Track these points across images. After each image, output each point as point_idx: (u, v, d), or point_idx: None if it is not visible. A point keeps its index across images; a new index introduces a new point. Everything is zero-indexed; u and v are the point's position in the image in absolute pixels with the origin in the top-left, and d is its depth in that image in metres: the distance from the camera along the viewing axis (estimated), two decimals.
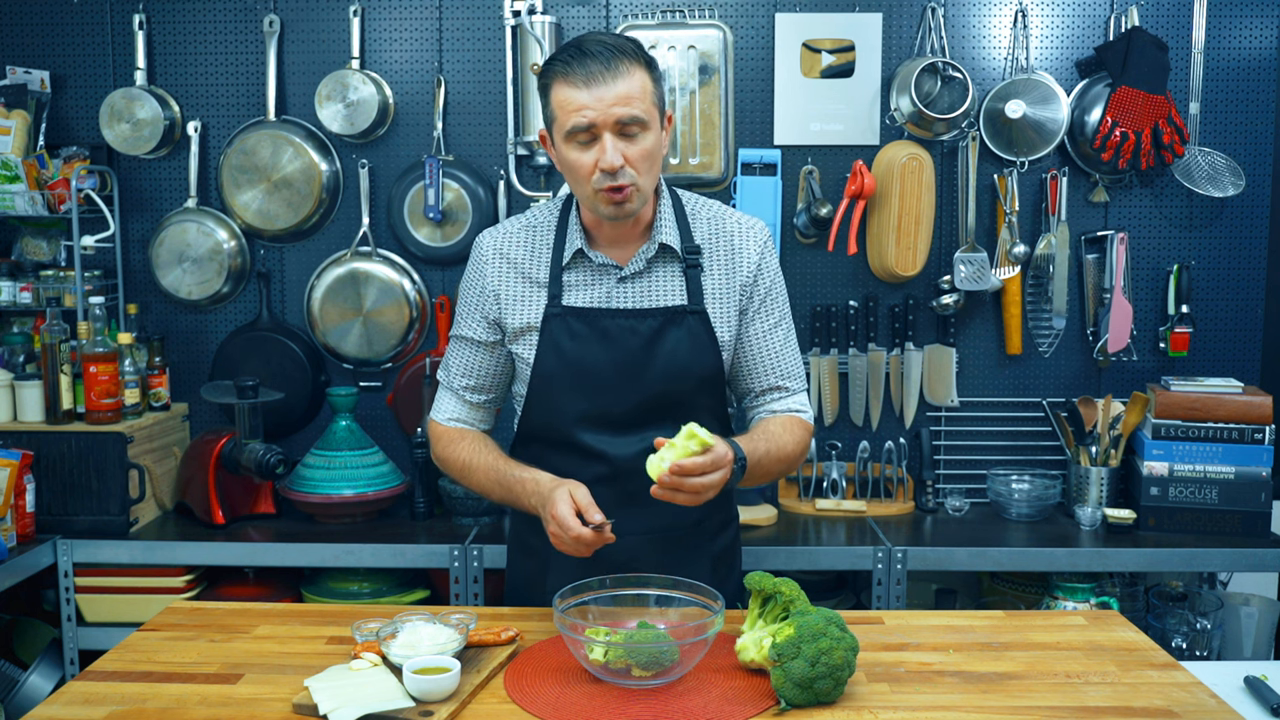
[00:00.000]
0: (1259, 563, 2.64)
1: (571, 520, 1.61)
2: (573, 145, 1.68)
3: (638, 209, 1.72)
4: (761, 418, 1.88)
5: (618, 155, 1.65)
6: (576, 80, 1.64)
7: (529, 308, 1.80)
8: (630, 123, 1.66)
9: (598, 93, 1.63)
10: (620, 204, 1.69)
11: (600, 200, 1.70)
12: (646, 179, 1.70)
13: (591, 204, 1.72)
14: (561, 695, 1.48)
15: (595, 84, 1.63)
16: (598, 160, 1.66)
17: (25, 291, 2.95)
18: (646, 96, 1.68)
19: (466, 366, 1.87)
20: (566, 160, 1.70)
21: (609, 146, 1.65)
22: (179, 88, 3.02)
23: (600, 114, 1.64)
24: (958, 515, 2.92)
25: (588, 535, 1.61)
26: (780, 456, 1.79)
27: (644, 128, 1.68)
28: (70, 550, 2.66)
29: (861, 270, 3.01)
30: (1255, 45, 2.95)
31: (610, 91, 1.64)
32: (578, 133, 1.66)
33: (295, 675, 1.56)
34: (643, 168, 1.69)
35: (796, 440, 1.83)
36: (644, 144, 1.68)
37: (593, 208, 1.73)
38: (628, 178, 1.67)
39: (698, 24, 2.90)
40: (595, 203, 1.71)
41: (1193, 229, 3.01)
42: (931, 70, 2.81)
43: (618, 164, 1.65)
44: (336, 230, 3.04)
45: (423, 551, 2.66)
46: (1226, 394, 2.75)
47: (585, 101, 1.64)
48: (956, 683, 1.55)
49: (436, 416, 1.91)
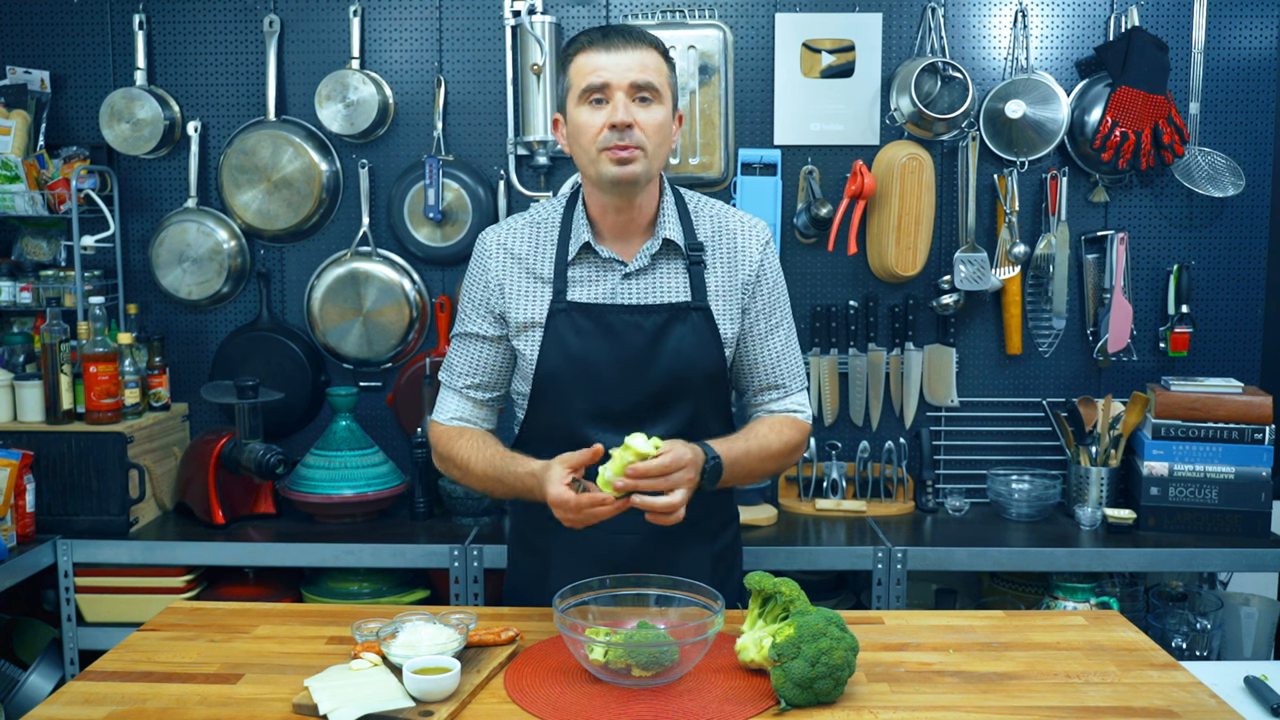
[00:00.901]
0: (1259, 563, 2.64)
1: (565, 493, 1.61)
2: (585, 106, 1.72)
3: (641, 174, 1.72)
4: (757, 417, 1.88)
5: (629, 114, 1.69)
6: (597, 47, 1.72)
7: (533, 303, 1.81)
8: (644, 88, 1.71)
9: (616, 57, 1.70)
10: (625, 163, 1.70)
11: (604, 160, 1.71)
12: (653, 149, 1.72)
13: (596, 168, 1.73)
14: (561, 695, 1.48)
15: (614, 50, 1.71)
16: (607, 120, 1.69)
17: (25, 291, 2.95)
18: (661, 75, 1.74)
19: (472, 364, 1.86)
20: (578, 124, 1.73)
21: (620, 104, 1.69)
22: (179, 88, 3.02)
23: (616, 74, 1.70)
24: (958, 515, 2.92)
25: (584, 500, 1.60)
26: (764, 455, 1.79)
27: (656, 98, 1.72)
28: (70, 550, 2.66)
29: (861, 270, 3.01)
30: (1255, 45, 2.95)
31: (628, 59, 1.70)
32: (591, 91, 1.70)
33: (295, 675, 1.56)
34: (652, 136, 1.71)
35: (785, 440, 1.83)
36: (654, 114, 1.72)
37: (597, 173, 1.73)
38: (635, 138, 1.70)
39: (698, 24, 2.90)
40: (599, 165, 1.72)
41: (1193, 229, 3.01)
42: (931, 70, 2.81)
43: (628, 120, 1.69)
44: (336, 230, 3.04)
45: (423, 551, 2.66)
46: (1226, 394, 2.75)
47: (602, 63, 1.70)
48: (956, 683, 1.55)
49: (438, 417, 1.90)
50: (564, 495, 1.61)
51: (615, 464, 1.59)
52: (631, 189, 1.74)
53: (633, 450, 1.58)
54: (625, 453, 1.59)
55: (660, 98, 1.73)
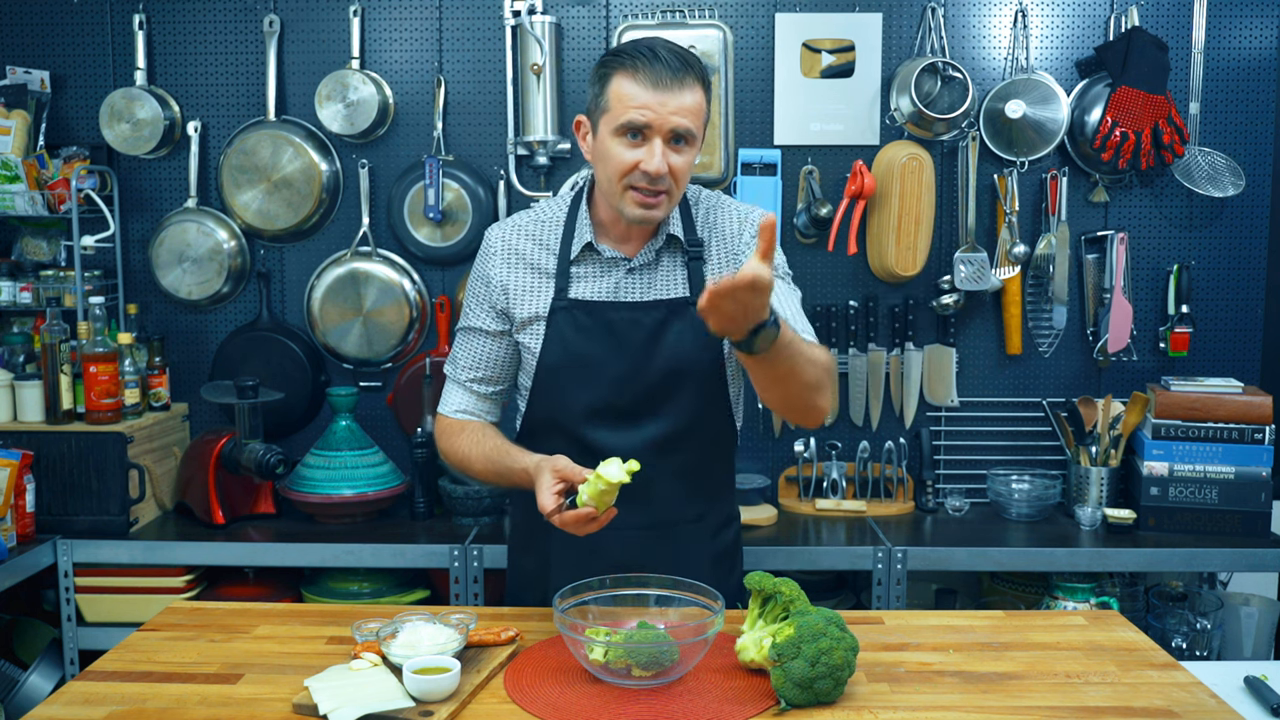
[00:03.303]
0: (1259, 563, 2.64)
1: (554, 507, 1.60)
2: (620, 139, 1.69)
3: (662, 217, 1.75)
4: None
5: (664, 163, 1.67)
6: (644, 79, 1.67)
7: (536, 299, 1.82)
8: (683, 135, 1.69)
9: (662, 97, 1.66)
10: (650, 208, 1.71)
11: (629, 200, 1.71)
12: (678, 191, 1.73)
13: (617, 200, 1.73)
14: (561, 695, 1.48)
15: (662, 89, 1.66)
16: (640, 161, 1.67)
17: (25, 291, 2.95)
18: (700, 115, 1.72)
19: (475, 358, 1.88)
20: (608, 151, 1.71)
21: (658, 151, 1.67)
22: (179, 88, 3.02)
23: (659, 118, 1.66)
24: (958, 515, 2.91)
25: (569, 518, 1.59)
26: (808, 358, 1.66)
27: (691, 143, 1.71)
28: (70, 550, 2.66)
29: (861, 270, 3.01)
30: (1255, 45, 2.95)
31: (674, 100, 1.67)
32: (631, 129, 1.68)
33: (295, 675, 1.56)
34: (680, 180, 1.72)
35: (823, 355, 1.72)
36: (687, 157, 1.71)
37: (617, 205, 1.73)
38: (665, 185, 1.70)
39: (698, 24, 2.90)
40: (622, 201, 1.72)
41: (1193, 229, 3.01)
42: (931, 70, 2.81)
43: (663, 170, 1.67)
44: (336, 230, 3.04)
45: (423, 551, 2.66)
46: (1226, 394, 2.75)
47: (648, 101, 1.66)
48: (956, 683, 1.55)
49: (442, 410, 1.92)
50: (550, 508, 1.60)
51: (590, 489, 1.56)
52: (650, 225, 1.76)
53: (604, 480, 1.54)
54: (598, 482, 1.55)
55: (695, 140, 1.72)
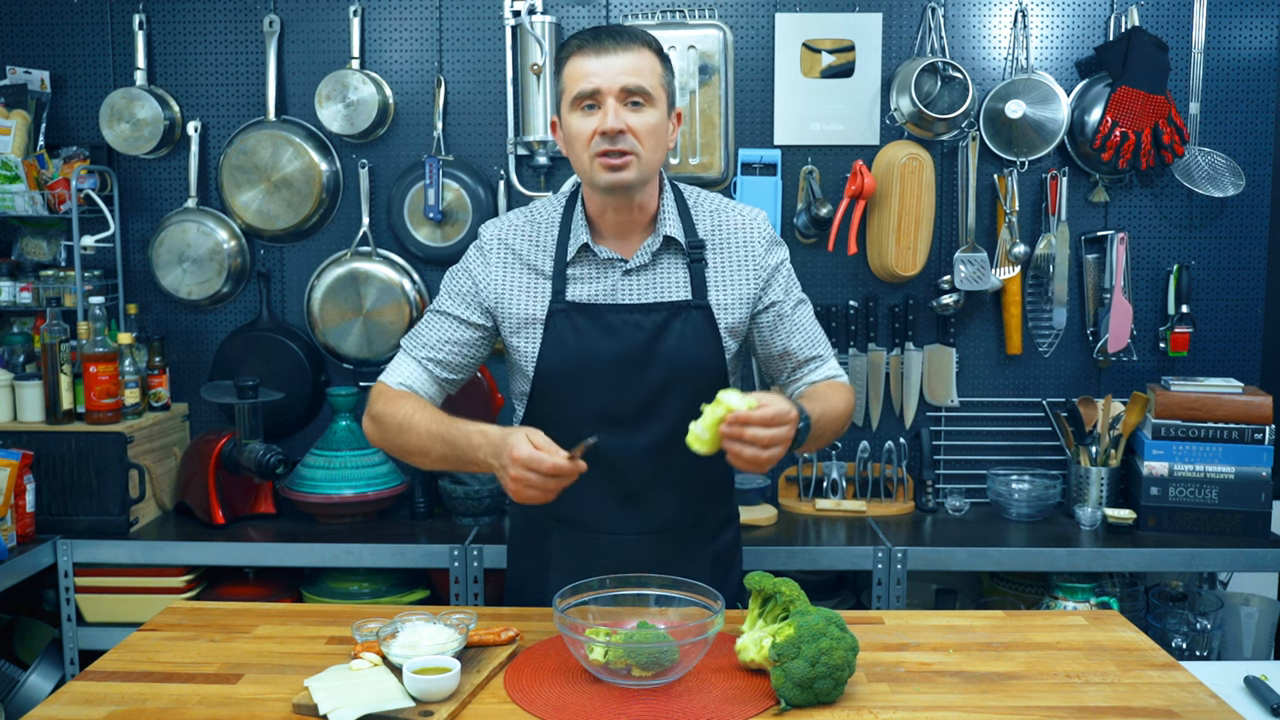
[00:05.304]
0: (1259, 563, 2.64)
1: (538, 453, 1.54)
2: (577, 112, 1.71)
3: (635, 180, 1.72)
4: (810, 384, 1.87)
5: (620, 120, 1.68)
6: (588, 51, 1.70)
7: (532, 300, 1.80)
8: (635, 92, 1.69)
9: (606, 60, 1.69)
10: (617, 170, 1.70)
11: (598, 168, 1.70)
12: (648, 154, 1.71)
13: (590, 175, 1.73)
14: (561, 695, 1.48)
15: (606, 53, 1.69)
16: (599, 127, 1.68)
17: (25, 291, 2.95)
18: (655, 76, 1.72)
19: (439, 337, 1.83)
20: (570, 130, 1.73)
21: (611, 110, 1.68)
22: (179, 88, 3.02)
23: (606, 80, 1.68)
24: (958, 515, 2.91)
25: (565, 466, 1.54)
26: (835, 417, 1.78)
27: (649, 102, 1.71)
28: (70, 550, 2.66)
29: (861, 270, 3.01)
30: (1255, 45, 2.95)
31: (619, 62, 1.69)
32: (583, 98, 1.70)
33: (295, 675, 1.56)
34: (645, 141, 1.70)
35: (846, 400, 1.84)
36: (647, 118, 1.70)
37: (591, 179, 1.73)
38: (627, 144, 1.69)
39: (698, 24, 2.90)
40: (592, 171, 1.72)
41: (1193, 229, 3.01)
42: (931, 70, 2.81)
43: (619, 126, 1.68)
44: (336, 230, 3.04)
45: (423, 551, 2.66)
46: (1226, 394, 2.75)
47: (593, 69, 1.69)
48: (956, 683, 1.55)
49: (386, 379, 1.83)
50: (538, 455, 1.54)
51: (707, 419, 1.56)
52: (627, 193, 1.74)
53: (724, 405, 1.54)
54: (717, 408, 1.55)
55: (653, 100, 1.71)
